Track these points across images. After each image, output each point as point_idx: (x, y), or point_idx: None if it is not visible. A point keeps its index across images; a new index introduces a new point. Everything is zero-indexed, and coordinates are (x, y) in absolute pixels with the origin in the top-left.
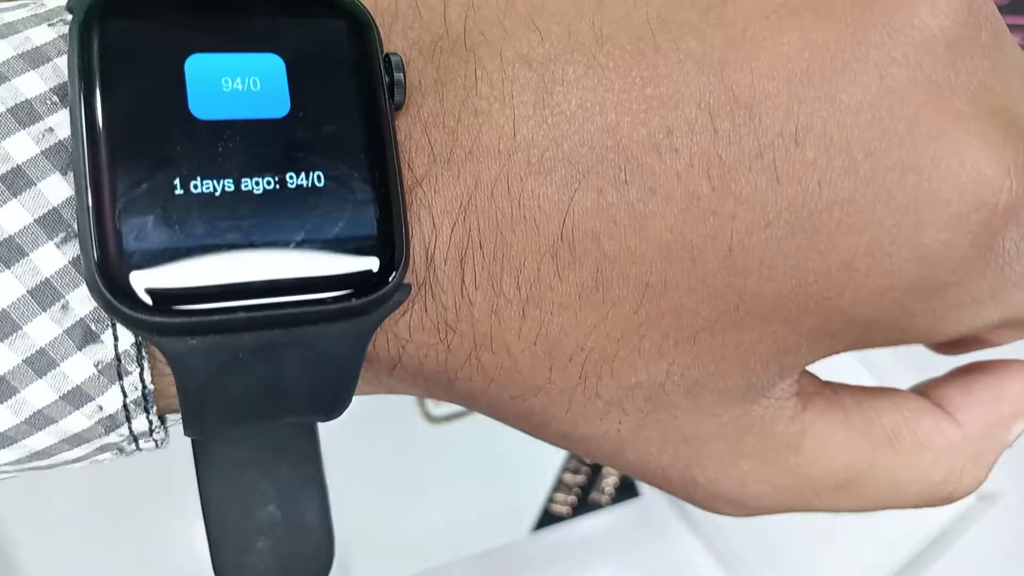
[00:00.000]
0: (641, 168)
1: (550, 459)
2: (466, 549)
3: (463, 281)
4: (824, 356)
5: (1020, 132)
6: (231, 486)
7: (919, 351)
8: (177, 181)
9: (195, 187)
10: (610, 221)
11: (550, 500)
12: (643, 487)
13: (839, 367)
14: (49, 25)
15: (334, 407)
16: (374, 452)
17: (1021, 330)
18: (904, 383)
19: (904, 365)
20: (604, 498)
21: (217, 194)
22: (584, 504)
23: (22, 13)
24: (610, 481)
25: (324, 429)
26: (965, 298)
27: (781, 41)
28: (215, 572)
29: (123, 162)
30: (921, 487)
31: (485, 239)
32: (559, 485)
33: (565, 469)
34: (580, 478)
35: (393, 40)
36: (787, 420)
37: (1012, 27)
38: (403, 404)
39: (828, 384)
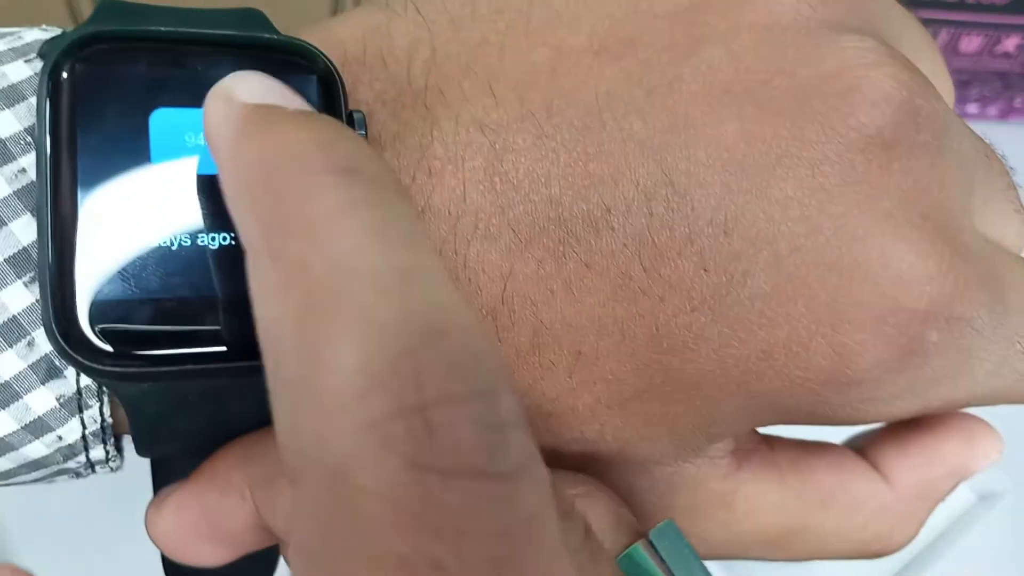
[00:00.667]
0: (579, 243)
1: None
2: None
3: None
4: (750, 428)
5: (949, 235)
6: None
7: None
8: (138, 235)
9: (153, 241)
10: (547, 291)
11: None
12: None
13: None
14: (26, 61)
15: None
16: None
17: (947, 409)
18: None
19: None
20: None
21: (174, 248)
22: None
23: None
24: None
25: None
26: (882, 393)
27: (720, 130)
28: None
29: (86, 214)
30: (851, 545)
31: None
32: None
33: None
34: None
35: (359, 91)
36: (720, 478)
37: (1012, 27)
38: None
39: (766, 440)
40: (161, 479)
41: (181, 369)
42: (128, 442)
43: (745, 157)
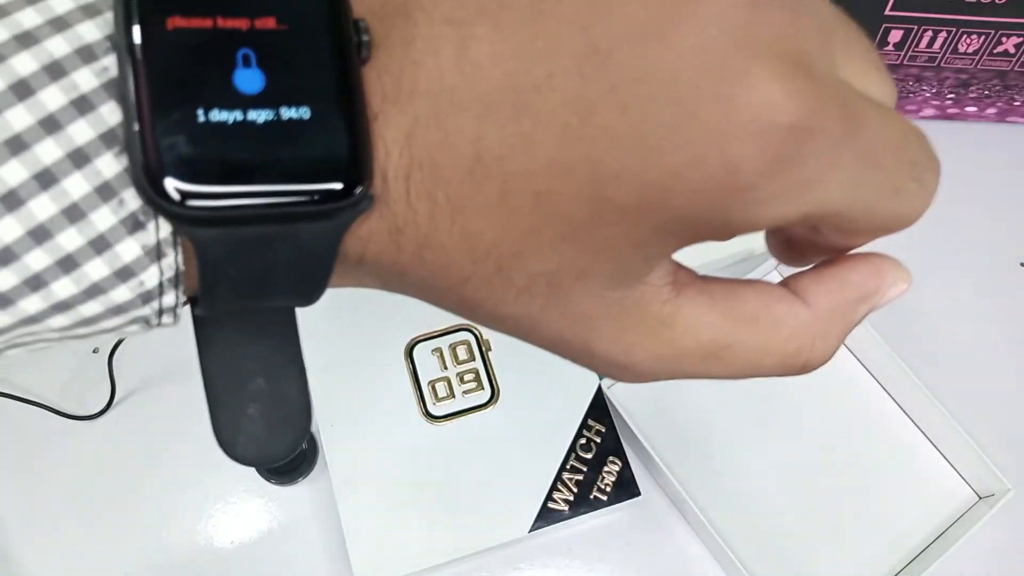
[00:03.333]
0: (530, 105)
1: (549, 459)
2: (466, 549)
3: (408, 195)
4: (676, 248)
5: (806, 68)
6: (227, 362)
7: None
8: (201, 112)
9: (213, 117)
10: (509, 147)
11: (549, 499)
12: (642, 486)
13: None
14: None
15: (312, 292)
16: (374, 452)
17: (837, 231)
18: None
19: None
20: (604, 497)
21: (229, 123)
22: (583, 503)
23: None
24: (609, 480)
25: (325, 430)
26: (764, 195)
27: (629, 4)
28: (215, 433)
29: (160, 96)
30: (777, 358)
31: (423, 161)
32: (558, 484)
33: (564, 468)
34: (579, 477)
35: (354, 4)
36: (661, 302)
37: (1012, 27)
38: (403, 404)
39: (703, 277)
40: (208, 352)
41: (239, 213)
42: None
43: (650, 22)
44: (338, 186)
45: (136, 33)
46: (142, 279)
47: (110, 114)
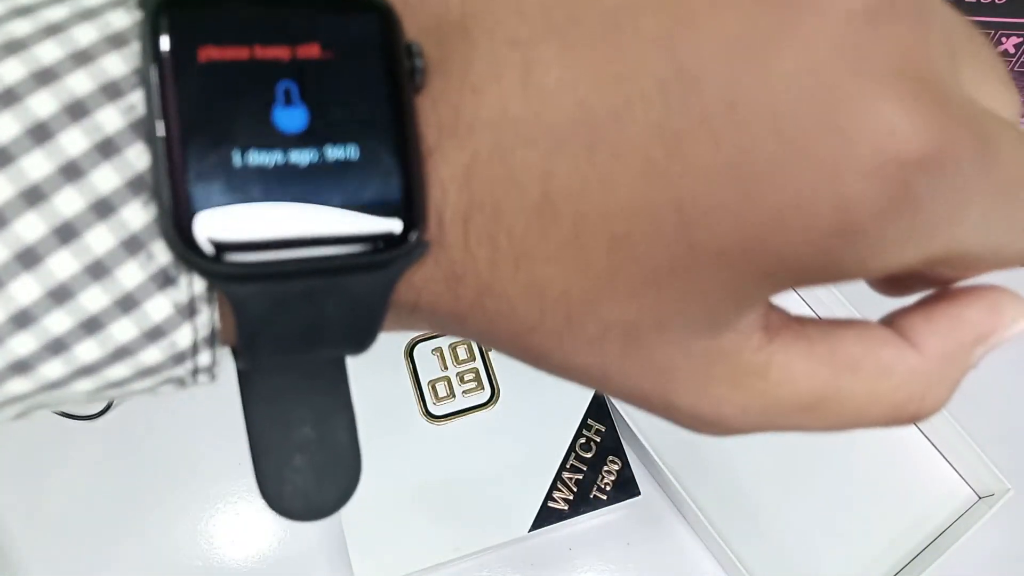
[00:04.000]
0: (606, 136)
1: (549, 458)
2: (466, 549)
3: (467, 239)
4: (773, 293)
5: (934, 89)
6: (271, 411)
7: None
8: (237, 154)
9: (251, 160)
10: (582, 183)
11: (549, 499)
12: (642, 486)
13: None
14: (126, 11)
15: (363, 342)
16: (374, 452)
17: (953, 268)
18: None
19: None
20: (603, 496)
21: (270, 167)
22: (583, 503)
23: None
24: (609, 480)
25: None
26: (884, 240)
27: (720, 20)
28: (258, 483)
29: (192, 138)
30: (884, 408)
31: (484, 202)
32: (558, 484)
33: (564, 468)
34: (579, 477)
35: (405, 25)
36: (753, 350)
37: (1012, 27)
38: (403, 404)
39: (796, 319)
40: (252, 398)
41: (283, 269)
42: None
43: (746, 42)
44: (391, 234)
45: (165, 66)
46: (174, 339)
47: (138, 158)
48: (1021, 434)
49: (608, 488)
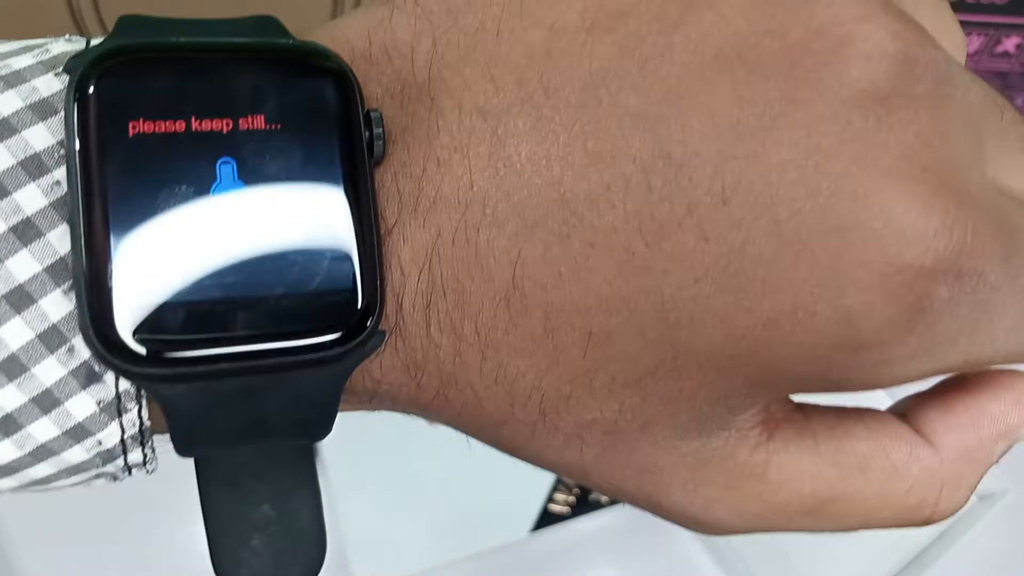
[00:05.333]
0: (582, 222)
1: None
2: (466, 549)
3: (429, 326)
4: (770, 399)
5: (954, 187)
6: (228, 489)
7: None
8: (169, 239)
9: (184, 244)
10: (555, 273)
11: (549, 499)
12: None
13: None
14: (55, 75)
15: (316, 434)
16: (374, 452)
17: (975, 368)
18: None
19: None
20: (604, 497)
21: (206, 250)
22: (584, 503)
23: (27, 60)
24: None
25: None
26: (894, 355)
27: (712, 97)
28: (213, 566)
29: (117, 222)
30: (894, 511)
31: (448, 286)
32: (558, 484)
33: None
34: None
35: (368, 87)
36: (750, 449)
37: (1012, 27)
38: None
39: (800, 408)
40: (205, 477)
41: (216, 368)
42: (162, 442)
43: (739, 123)
44: (343, 326)
45: (90, 141)
46: (99, 438)
47: (60, 240)
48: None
49: None
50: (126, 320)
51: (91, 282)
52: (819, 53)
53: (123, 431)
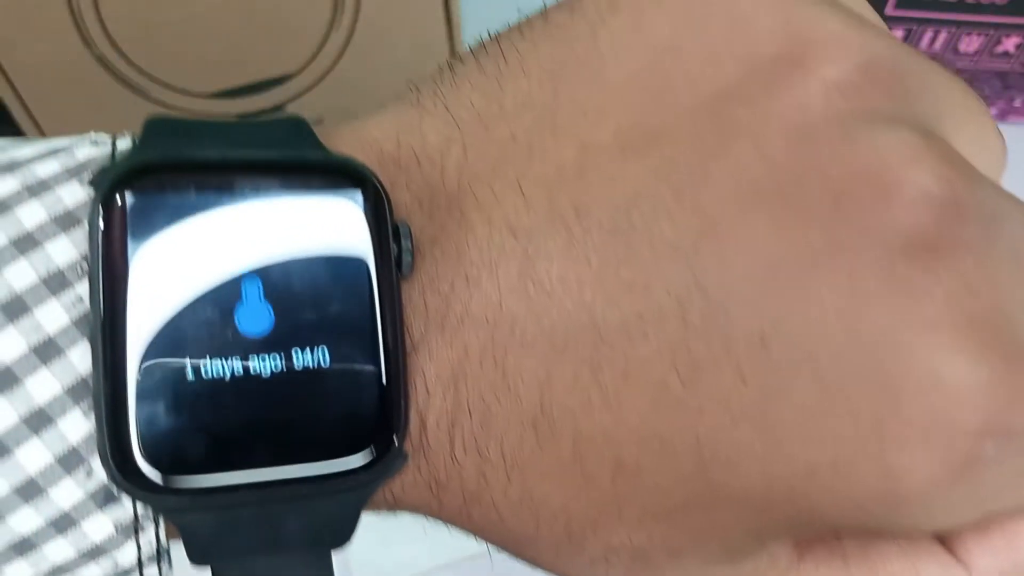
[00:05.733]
0: (613, 351)
1: None
2: (466, 550)
3: (452, 445)
4: (804, 536)
5: (1004, 338)
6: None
7: None
8: (190, 366)
9: (206, 371)
10: (585, 400)
11: None
12: None
13: None
14: (80, 183)
15: (335, 544)
16: None
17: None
18: None
19: None
20: None
21: (227, 379)
22: None
23: (52, 166)
24: None
25: None
26: (936, 507)
27: (751, 234)
28: None
29: (138, 346)
30: None
31: (473, 406)
32: None
33: None
34: None
35: (396, 192)
36: (781, 571)
37: (1012, 27)
38: None
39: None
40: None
41: (235, 497)
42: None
43: (780, 264)
44: (363, 461)
45: (113, 261)
46: (116, 558)
47: (82, 360)
48: None
49: None
50: (144, 447)
51: (110, 407)
52: (863, 197)
53: (140, 550)
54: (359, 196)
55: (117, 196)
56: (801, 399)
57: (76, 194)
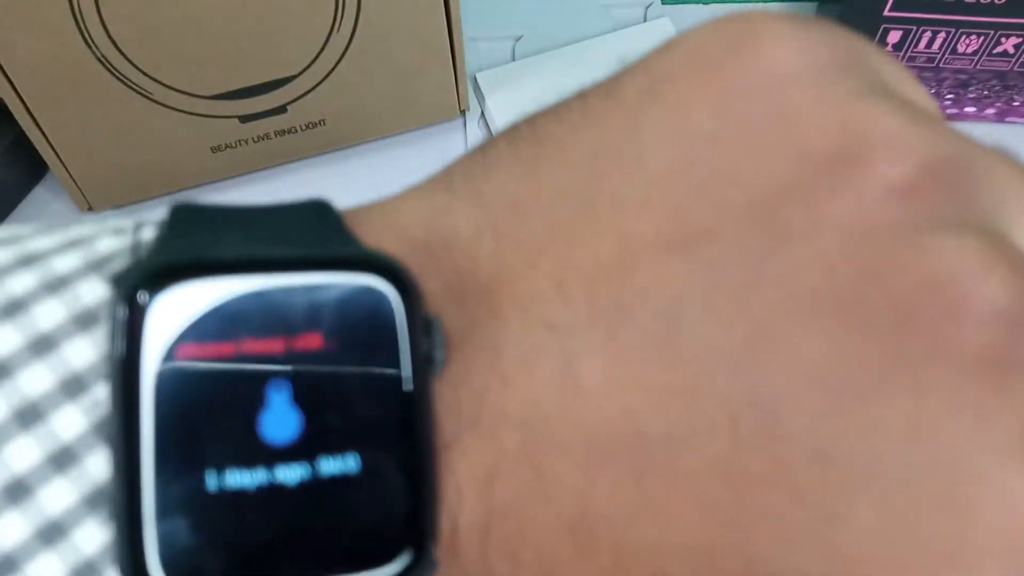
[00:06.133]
0: (659, 460)
1: None
2: None
3: (485, 550)
4: None
5: None
6: None
7: None
8: (212, 477)
9: (228, 483)
10: (628, 511)
11: None
12: None
13: None
14: (101, 279)
15: None
16: None
17: None
18: None
19: None
20: None
21: (251, 490)
22: None
23: (72, 260)
24: None
25: None
26: None
27: (809, 345)
28: None
29: (160, 459)
30: None
31: (508, 510)
32: None
33: None
34: None
35: (426, 280)
36: None
37: (1011, 27)
38: None
39: None
40: None
41: None
42: None
43: (840, 379)
44: (393, 570)
45: (134, 366)
46: None
47: (98, 467)
48: None
49: None
50: (166, 567)
51: (129, 527)
52: (930, 311)
53: None
54: (391, 292)
55: (140, 297)
56: (862, 524)
57: (96, 291)
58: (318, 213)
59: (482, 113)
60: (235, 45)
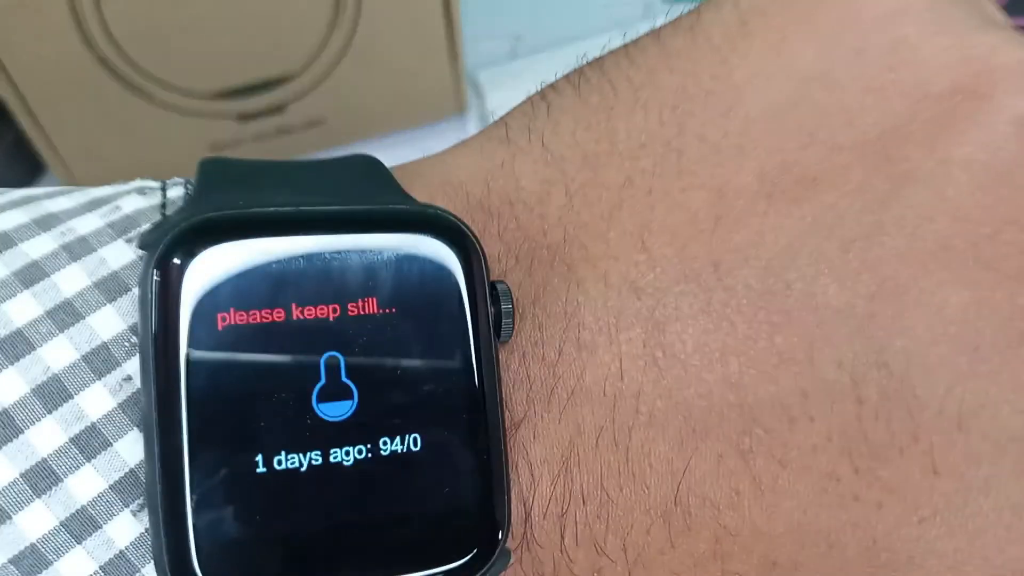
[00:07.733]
0: (769, 436)
1: None
2: None
3: (563, 538)
4: None
5: None
6: None
7: None
8: (259, 458)
9: (279, 463)
10: (732, 491)
11: None
12: None
13: None
14: (126, 241)
15: None
16: None
17: None
18: None
19: None
20: None
21: (303, 469)
22: None
23: (94, 221)
24: None
25: None
26: None
27: (942, 297)
28: None
29: (197, 444)
30: None
31: (588, 494)
32: None
33: None
34: None
35: (488, 243)
36: None
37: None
38: None
39: None
40: None
41: None
42: None
43: (979, 332)
44: (461, 561)
45: (170, 337)
46: None
47: (130, 450)
48: None
49: None
50: (206, 562)
51: (169, 515)
52: None
53: None
54: (451, 252)
55: (174, 260)
56: (1007, 493)
57: (123, 255)
58: (367, 168)
59: (482, 112)
60: (234, 44)
